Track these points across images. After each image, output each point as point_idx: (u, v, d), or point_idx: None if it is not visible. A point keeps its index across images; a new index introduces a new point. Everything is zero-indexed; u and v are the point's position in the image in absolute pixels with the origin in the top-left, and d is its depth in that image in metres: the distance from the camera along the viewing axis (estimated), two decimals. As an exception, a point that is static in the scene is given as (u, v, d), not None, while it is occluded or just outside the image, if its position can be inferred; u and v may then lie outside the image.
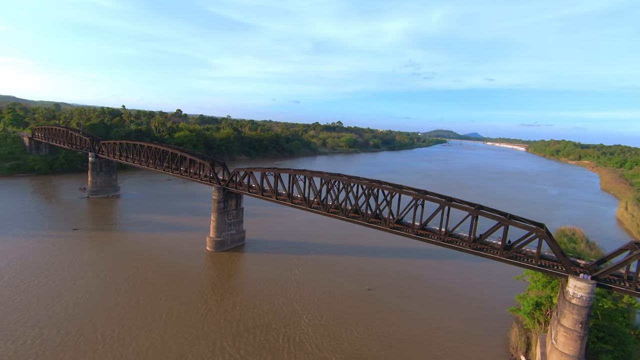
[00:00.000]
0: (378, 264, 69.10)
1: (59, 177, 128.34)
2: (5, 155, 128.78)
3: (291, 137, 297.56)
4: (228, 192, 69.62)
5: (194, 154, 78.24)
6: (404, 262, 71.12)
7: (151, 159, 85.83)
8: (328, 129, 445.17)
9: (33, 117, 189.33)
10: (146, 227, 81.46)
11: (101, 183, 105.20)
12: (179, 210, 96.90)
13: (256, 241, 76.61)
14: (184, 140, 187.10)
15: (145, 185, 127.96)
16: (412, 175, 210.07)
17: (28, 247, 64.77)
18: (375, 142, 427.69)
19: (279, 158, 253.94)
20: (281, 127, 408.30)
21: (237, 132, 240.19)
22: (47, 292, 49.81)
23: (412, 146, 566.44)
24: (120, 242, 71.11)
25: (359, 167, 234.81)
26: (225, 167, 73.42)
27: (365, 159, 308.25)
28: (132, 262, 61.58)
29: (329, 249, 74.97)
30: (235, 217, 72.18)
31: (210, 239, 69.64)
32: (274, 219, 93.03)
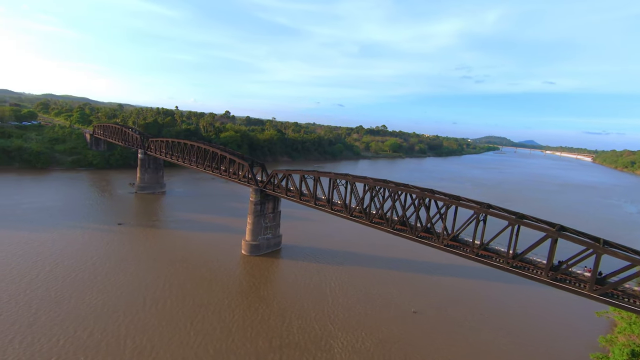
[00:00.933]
0: (425, 282, 61.70)
1: (114, 172, 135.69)
2: (69, 150, 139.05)
3: (334, 139, 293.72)
4: (265, 194, 66.54)
5: (233, 154, 76.56)
6: (454, 281, 62.93)
7: (194, 157, 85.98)
8: (372, 133, 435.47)
9: (97, 115, 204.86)
10: (185, 225, 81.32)
11: (149, 179, 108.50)
12: (219, 209, 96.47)
13: (292, 247, 72.75)
14: (229, 141, 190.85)
15: (190, 183, 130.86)
16: (462, 183, 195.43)
17: (74, 239, 66.66)
18: (421, 147, 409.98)
19: (321, 161, 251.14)
20: (324, 129, 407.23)
21: (281, 134, 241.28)
22: (81, 287, 49.63)
23: (460, 152, 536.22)
24: (159, 240, 71.00)
25: (403, 173, 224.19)
26: (264, 168, 70.58)
27: (410, 165, 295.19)
28: (166, 262, 60.51)
29: (370, 261, 68.85)
30: (272, 220, 68.92)
31: (245, 242, 66.98)
32: (313, 224, 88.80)
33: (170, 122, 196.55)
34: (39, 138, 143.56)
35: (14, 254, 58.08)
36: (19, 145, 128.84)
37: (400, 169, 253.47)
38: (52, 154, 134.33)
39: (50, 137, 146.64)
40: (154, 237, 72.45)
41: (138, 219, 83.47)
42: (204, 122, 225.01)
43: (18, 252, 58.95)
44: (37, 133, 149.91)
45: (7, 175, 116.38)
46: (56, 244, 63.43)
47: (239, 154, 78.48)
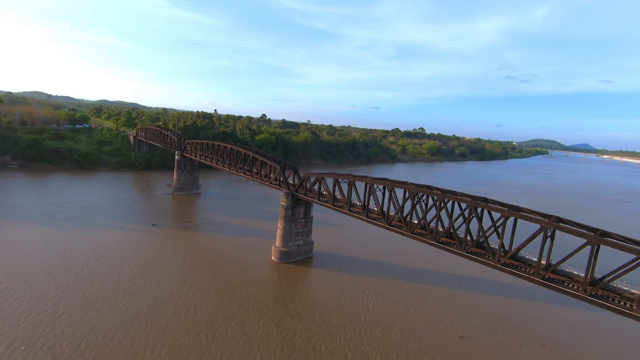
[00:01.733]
0: (472, 301, 54.92)
1: (154, 173, 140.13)
2: (114, 151, 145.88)
3: (369, 142, 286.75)
4: (297, 198, 63.22)
5: (265, 156, 74.23)
6: (506, 302, 55.50)
7: (227, 159, 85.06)
8: (409, 136, 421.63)
9: (141, 119, 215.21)
10: (217, 228, 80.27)
11: (184, 181, 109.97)
12: (252, 212, 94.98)
13: (324, 255, 68.74)
14: (263, 143, 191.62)
15: (225, 184, 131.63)
16: (509, 190, 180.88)
17: (109, 239, 67.47)
18: (462, 151, 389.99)
19: (355, 164, 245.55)
20: (359, 132, 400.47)
21: (315, 136, 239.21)
22: (108, 289, 48.99)
23: (505, 156, 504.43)
24: (190, 243, 70.13)
25: (443, 178, 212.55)
26: (296, 171, 67.41)
27: (450, 169, 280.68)
28: (194, 266, 58.99)
29: (410, 275, 63.04)
30: (303, 226, 65.44)
31: (275, 249, 64.00)
32: (346, 230, 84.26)
33: (208, 125, 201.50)
34: (88, 140, 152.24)
35: (53, 252, 59.42)
36: (70, 146, 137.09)
37: (439, 174, 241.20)
38: (99, 155, 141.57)
39: (99, 139, 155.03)
40: (185, 239, 71.79)
41: (172, 220, 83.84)
42: (240, 124, 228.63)
43: (57, 250, 60.30)
44: (87, 135, 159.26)
45: (59, 175, 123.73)
46: (91, 243, 64.39)
47: (271, 156, 76.09)
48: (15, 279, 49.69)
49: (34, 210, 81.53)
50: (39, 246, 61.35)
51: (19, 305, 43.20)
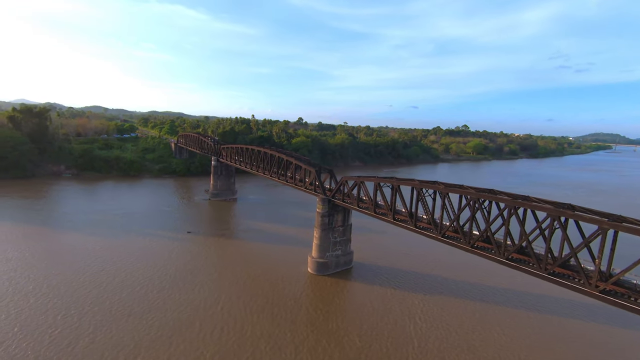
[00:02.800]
0: (547, 328, 45.85)
1: (194, 179, 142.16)
2: (157, 159, 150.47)
3: (409, 142, 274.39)
4: (334, 204, 57.80)
5: (300, 159, 69.81)
6: (594, 330, 45.66)
7: (261, 163, 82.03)
8: (451, 134, 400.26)
9: (182, 126, 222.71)
10: (252, 235, 77.14)
11: (221, 186, 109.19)
12: (289, 218, 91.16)
13: (366, 266, 62.56)
14: (300, 146, 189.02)
15: (262, 189, 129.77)
16: (572, 190, 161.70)
17: (146, 247, 66.56)
18: (511, 148, 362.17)
19: (395, 165, 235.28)
20: (398, 132, 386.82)
21: (352, 138, 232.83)
22: (139, 303, 46.72)
23: (561, 153, 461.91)
24: (224, 252, 67.35)
25: (494, 178, 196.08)
26: (332, 175, 62.10)
27: (498, 168, 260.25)
28: (228, 278, 55.63)
29: (466, 291, 54.93)
30: (341, 234, 59.84)
31: (312, 260, 58.96)
32: (390, 238, 77.26)
33: (245, 130, 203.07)
34: (134, 148, 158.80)
35: (89, 261, 59.18)
36: (117, 155, 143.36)
37: (488, 173, 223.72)
38: (143, 162, 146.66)
39: (143, 147, 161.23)
40: (219, 247, 69.21)
41: (207, 227, 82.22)
42: (276, 128, 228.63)
43: (93, 260, 60.03)
44: (133, 144, 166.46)
45: (107, 182, 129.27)
46: (126, 253, 63.61)
47: (306, 159, 71.57)
48: (48, 289, 49.26)
49: (80, 218, 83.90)
50: (77, 256, 61.60)
51: (46, 319, 42.00)
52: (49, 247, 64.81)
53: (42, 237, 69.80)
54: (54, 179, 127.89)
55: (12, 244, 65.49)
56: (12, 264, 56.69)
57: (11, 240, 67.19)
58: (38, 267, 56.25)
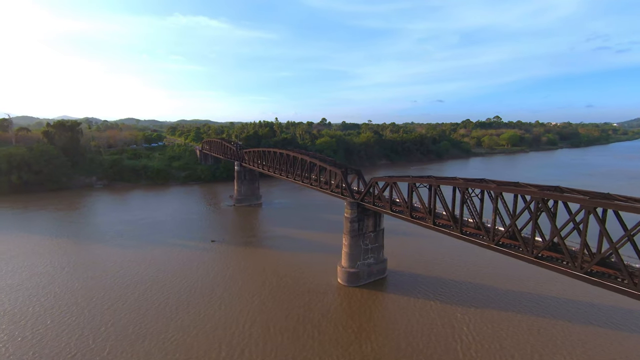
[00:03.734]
0: (623, 347, 38.07)
1: (219, 185, 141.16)
2: (183, 166, 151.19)
3: (437, 137, 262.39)
4: (364, 208, 52.42)
5: (324, 160, 65.02)
6: (688, 353, 37.34)
7: (284, 166, 78.11)
8: (482, 126, 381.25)
9: (207, 133, 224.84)
10: (279, 243, 73.21)
11: (245, 191, 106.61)
12: (316, 223, 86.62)
13: (402, 275, 56.63)
14: (324, 147, 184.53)
15: (287, 193, 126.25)
16: (627, 181, 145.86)
17: (169, 259, 64.27)
18: (550, 138, 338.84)
19: (424, 162, 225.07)
20: (425, 127, 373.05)
21: (378, 136, 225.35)
22: (158, 322, 43.67)
23: (606, 140, 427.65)
24: (250, 262, 63.70)
25: (534, 171, 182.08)
26: (360, 176, 56.75)
27: (538, 160, 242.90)
28: (255, 292, 51.70)
29: (520, 303, 47.75)
30: (373, 241, 54.32)
31: (342, 270, 53.81)
32: (426, 241, 70.65)
33: (268, 133, 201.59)
34: (161, 157, 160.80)
35: (114, 276, 57.40)
36: (145, 164, 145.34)
37: (528, 166, 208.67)
38: (169, 170, 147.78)
39: (170, 155, 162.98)
40: (243, 257, 65.69)
41: (231, 235, 79.29)
42: (300, 130, 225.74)
43: (118, 272, 58.27)
44: (161, 153, 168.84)
45: (135, 192, 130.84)
46: (151, 264, 61.51)
47: (331, 160, 66.66)
48: (67, 306, 47.46)
49: (107, 229, 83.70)
50: (100, 270, 60.18)
51: (69, 342, 39.70)
52: (75, 260, 64.04)
53: (70, 250, 69.43)
54: (86, 190, 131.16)
55: (40, 257, 65.36)
56: (36, 280, 55.88)
57: (40, 253, 67.20)
58: (61, 282, 55.05)
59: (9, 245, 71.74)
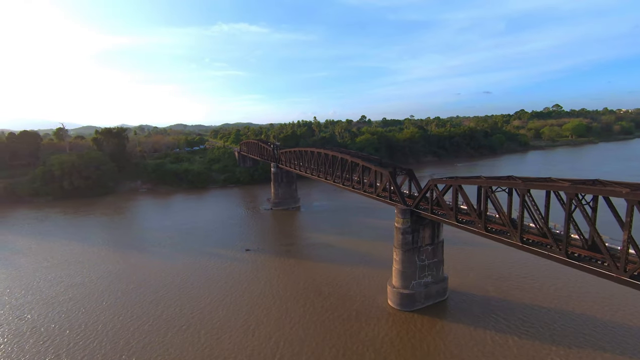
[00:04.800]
0: None
1: (258, 187, 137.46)
2: (222, 169, 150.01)
3: (489, 130, 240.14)
4: (419, 216, 43.22)
5: (368, 159, 56.48)
6: None
7: (322, 167, 70.75)
8: (539, 117, 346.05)
9: (246, 134, 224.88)
10: (318, 252, 66.00)
11: (282, 194, 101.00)
12: (359, 229, 78.37)
13: (467, 297, 46.51)
14: (365, 145, 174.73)
15: (327, 194, 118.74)
16: None
17: (202, 271, 59.70)
18: (624, 127, 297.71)
19: (475, 157, 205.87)
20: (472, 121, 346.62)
21: (423, 131, 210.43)
22: (182, 346, 38.10)
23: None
24: (286, 276, 57.05)
25: (613, 164, 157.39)
26: (412, 177, 47.58)
27: (613, 151, 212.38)
28: (289, 315, 44.79)
29: (625, 339, 35.79)
30: (431, 256, 44.89)
31: (393, 291, 44.96)
32: (495, 252, 59.24)
33: (306, 133, 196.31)
34: (201, 160, 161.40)
35: (144, 289, 53.79)
36: (186, 167, 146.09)
37: (603, 159, 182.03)
38: (209, 173, 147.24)
39: (210, 158, 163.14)
40: (280, 270, 59.18)
41: (268, 243, 73.51)
42: (339, 128, 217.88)
43: (150, 286, 54.58)
44: (201, 156, 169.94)
45: (177, 196, 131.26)
46: (182, 276, 57.21)
47: (376, 158, 58.01)
48: (95, 325, 43.85)
49: (147, 235, 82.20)
50: (133, 282, 57.03)
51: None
52: (112, 271, 61.64)
53: (109, 259, 67.65)
54: (131, 194, 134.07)
55: (80, 266, 64.04)
56: (72, 292, 53.73)
57: (81, 262, 66.10)
58: (95, 297, 52.25)
59: (55, 252, 71.95)
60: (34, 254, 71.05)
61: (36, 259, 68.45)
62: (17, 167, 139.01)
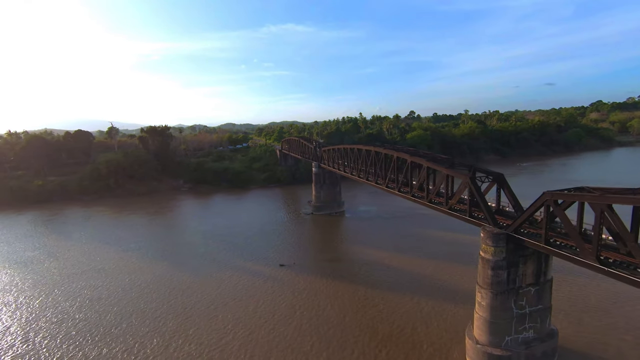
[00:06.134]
0: None
1: (300, 188, 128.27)
2: (263, 168, 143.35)
3: (564, 124, 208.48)
4: (518, 245, 29.54)
5: (433, 159, 43.27)
6: None
7: (371, 167, 58.60)
8: (622, 108, 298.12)
9: (289, 132, 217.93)
10: (370, 272, 54.17)
11: (324, 197, 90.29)
12: (423, 240, 65.44)
13: (584, 358, 31.89)
14: (416, 142, 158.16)
15: (375, 197, 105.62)
16: None
17: (228, 289, 50.92)
18: None
19: (547, 156, 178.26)
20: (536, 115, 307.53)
21: (483, 126, 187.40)
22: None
23: None
24: (327, 303, 46.06)
25: None
26: (503, 184, 33.86)
27: None
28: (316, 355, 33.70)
29: None
30: (534, 301, 30.94)
31: (474, 347, 31.66)
32: (616, 285, 43.06)
33: (351, 129, 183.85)
34: (243, 158, 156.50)
35: (162, 307, 46.15)
36: (226, 166, 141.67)
37: None
38: (250, 172, 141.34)
39: (251, 156, 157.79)
40: (321, 295, 48.28)
41: (307, 257, 63.12)
42: (387, 124, 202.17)
43: (169, 304, 46.93)
44: (243, 154, 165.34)
45: (217, 196, 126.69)
46: (207, 296, 48.78)
47: (444, 157, 44.56)
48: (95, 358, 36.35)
49: (181, 240, 77.09)
50: (153, 300, 49.89)
51: None
52: (135, 282, 55.38)
53: (137, 269, 61.39)
54: (173, 193, 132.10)
55: (106, 276, 58.41)
56: (86, 311, 47.79)
57: (107, 271, 60.75)
58: (107, 319, 45.65)
59: (87, 257, 68.03)
60: (65, 259, 67.74)
61: (65, 264, 64.77)
62: (72, 165, 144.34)
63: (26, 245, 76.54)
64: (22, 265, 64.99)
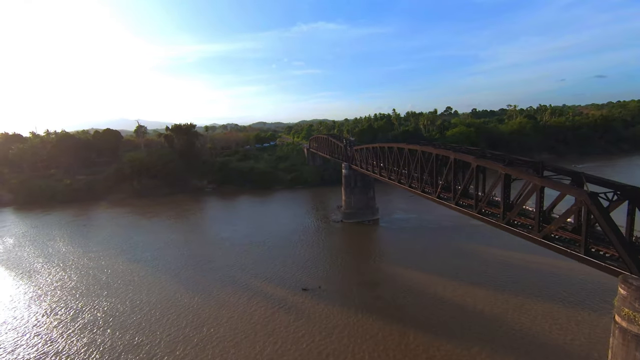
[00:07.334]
0: None
1: (329, 190, 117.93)
2: (289, 167, 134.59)
3: (631, 119, 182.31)
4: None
5: (510, 162, 31.20)
6: None
7: (414, 171, 47.01)
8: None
9: (318, 129, 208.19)
10: (415, 307, 42.94)
11: (356, 203, 79.37)
12: (483, 262, 53.25)
13: None
14: (458, 139, 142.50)
15: (412, 201, 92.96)
16: None
17: (239, 321, 41.76)
18: None
19: (613, 154, 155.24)
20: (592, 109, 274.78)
21: (534, 121, 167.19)
22: None
23: None
24: (359, 351, 35.44)
25: None
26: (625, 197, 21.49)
27: None
28: None
29: None
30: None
31: None
32: None
33: (385, 126, 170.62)
34: (269, 158, 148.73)
35: (160, 342, 37.76)
36: (251, 166, 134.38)
37: None
38: (275, 172, 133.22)
39: (278, 155, 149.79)
40: (355, 338, 37.57)
41: (334, 279, 52.67)
42: (423, 120, 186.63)
43: (168, 339, 38.51)
44: (270, 153, 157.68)
45: (241, 197, 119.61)
46: (213, 330, 39.90)
47: (524, 160, 32.42)
48: None
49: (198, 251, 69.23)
50: (151, 333, 41.65)
51: None
52: (136, 305, 48.13)
53: (142, 285, 54.46)
54: (197, 194, 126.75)
55: (107, 294, 51.75)
56: (71, 343, 40.61)
57: (110, 287, 54.45)
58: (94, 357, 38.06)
59: (93, 269, 62.12)
60: (73, 269, 62.20)
61: (71, 276, 58.96)
62: (102, 165, 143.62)
63: (38, 252, 72.52)
64: (26, 276, 60.17)
